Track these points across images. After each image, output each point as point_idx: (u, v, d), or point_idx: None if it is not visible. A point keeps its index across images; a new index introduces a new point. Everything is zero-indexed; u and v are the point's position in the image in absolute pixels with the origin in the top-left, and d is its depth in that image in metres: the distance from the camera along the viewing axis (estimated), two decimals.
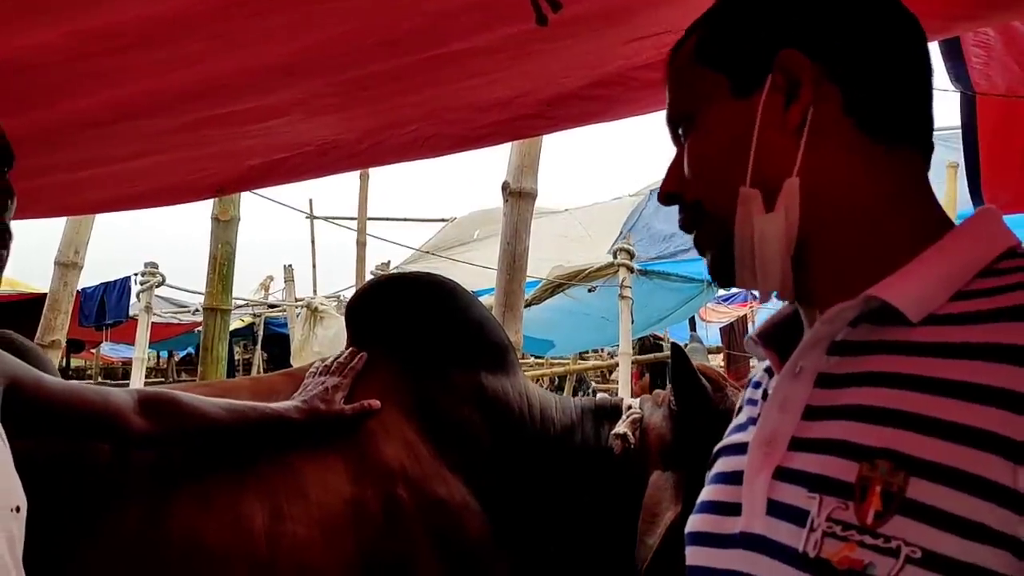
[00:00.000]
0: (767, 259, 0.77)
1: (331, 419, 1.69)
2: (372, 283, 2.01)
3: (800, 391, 0.74)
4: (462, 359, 1.88)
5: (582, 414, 1.92)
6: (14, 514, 1.11)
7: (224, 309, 3.32)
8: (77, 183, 1.96)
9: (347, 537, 1.63)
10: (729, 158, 0.78)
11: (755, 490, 0.73)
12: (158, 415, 1.50)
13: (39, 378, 1.35)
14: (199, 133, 1.63)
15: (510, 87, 1.57)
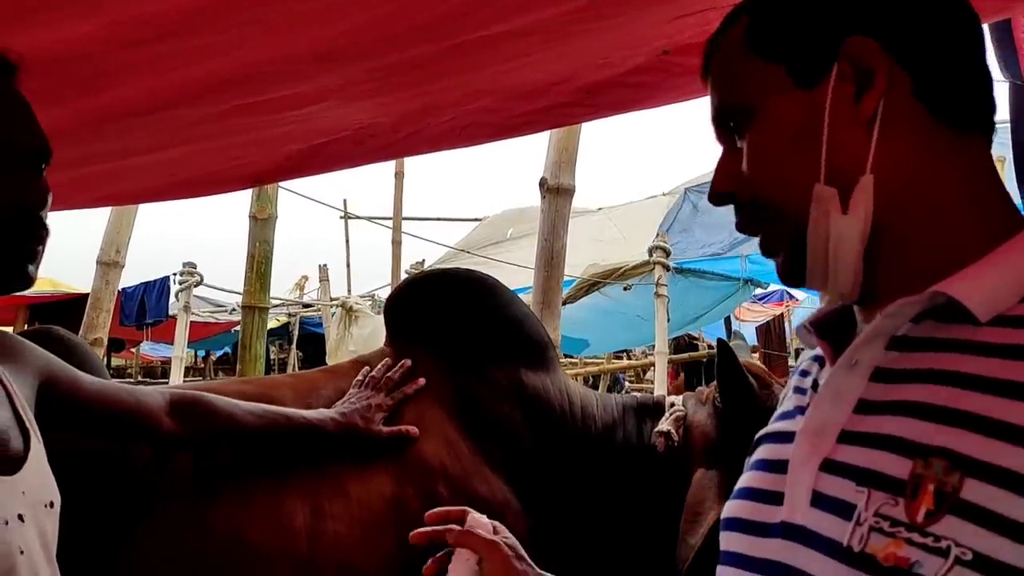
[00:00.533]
0: (842, 261, 0.74)
1: (365, 438, 1.66)
2: (410, 280, 2.00)
3: (854, 384, 0.72)
4: (502, 356, 1.86)
5: (623, 411, 1.89)
6: (48, 510, 1.10)
7: (262, 307, 3.34)
8: (116, 172, 1.97)
9: (387, 536, 1.62)
10: (799, 154, 0.75)
11: (800, 480, 0.72)
12: (189, 417, 1.50)
13: (75, 376, 1.35)
14: (235, 121, 1.64)
15: (548, 72, 1.55)
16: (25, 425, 1.12)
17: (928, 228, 0.73)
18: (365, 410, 1.69)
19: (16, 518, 1.01)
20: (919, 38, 0.74)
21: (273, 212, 3.31)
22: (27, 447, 1.10)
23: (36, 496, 1.08)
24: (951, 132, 0.73)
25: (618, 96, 1.76)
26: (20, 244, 1.08)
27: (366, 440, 1.66)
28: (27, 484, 1.06)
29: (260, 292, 3.32)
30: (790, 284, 0.81)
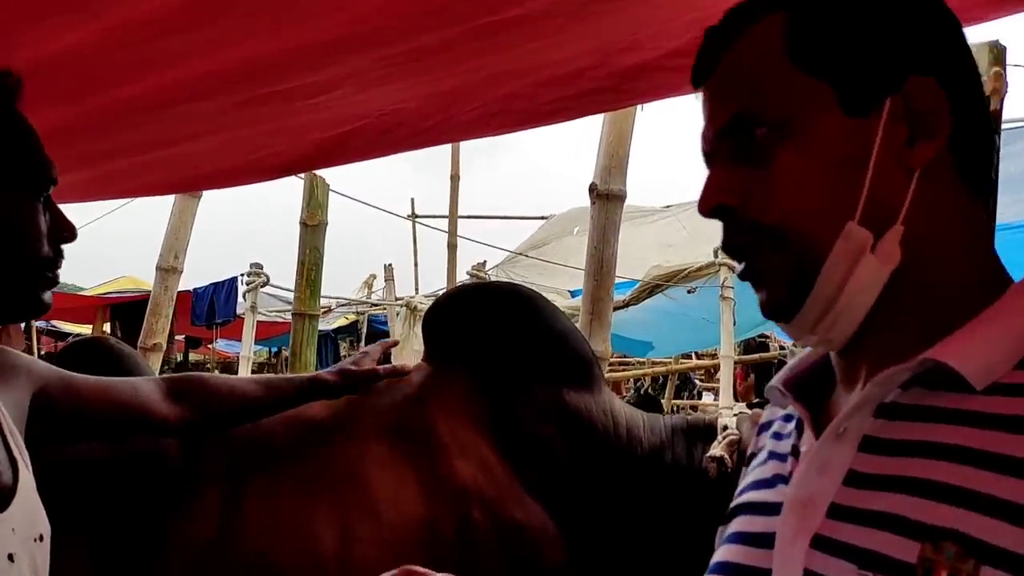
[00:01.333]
0: (854, 310, 0.69)
1: (365, 380, 1.68)
2: (449, 294, 1.94)
3: (843, 454, 0.68)
4: (543, 373, 1.78)
5: (672, 433, 1.79)
6: (38, 544, 1.06)
7: (312, 314, 3.33)
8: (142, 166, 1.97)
9: (418, 561, 1.56)
10: (837, 185, 0.68)
11: (790, 558, 0.67)
12: (188, 398, 1.47)
13: (68, 379, 1.32)
14: (253, 112, 1.62)
15: (574, 55, 1.47)
16: (13, 455, 1.08)
17: (934, 287, 0.69)
18: (352, 358, 1.73)
19: (6, 559, 0.98)
20: (969, 87, 0.70)
21: (324, 218, 3.30)
22: (16, 479, 1.05)
23: (26, 531, 1.04)
24: (966, 191, 0.70)
25: (656, 81, 1.67)
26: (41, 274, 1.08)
27: (368, 379, 1.68)
28: (17, 520, 1.02)
29: (310, 299, 3.31)
30: (775, 319, 0.74)
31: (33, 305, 1.10)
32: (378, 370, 1.69)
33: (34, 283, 1.08)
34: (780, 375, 0.79)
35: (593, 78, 1.65)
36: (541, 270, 8.74)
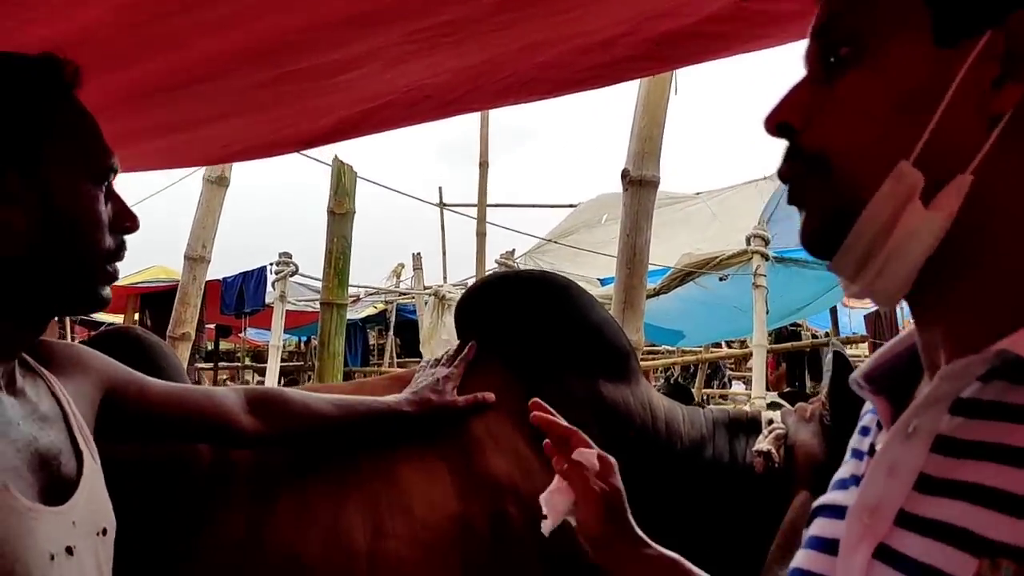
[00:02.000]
0: (902, 259, 0.62)
1: (443, 411, 1.61)
2: (481, 282, 1.88)
3: (913, 456, 0.62)
4: (578, 365, 1.73)
5: (714, 427, 1.73)
6: (101, 538, 1.05)
7: (340, 303, 3.29)
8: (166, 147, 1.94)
9: (452, 559, 1.52)
10: (899, 117, 0.61)
11: (852, 569, 0.62)
12: (267, 413, 1.45)
13: (142, 382, 1.30)
14: (278, 91, 1.59)
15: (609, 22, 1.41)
16: (79, 447, 1.06)
17: (1012, 256, 0.61)
18: (435, 384, 1.64)
19: (64, 552, 0.96)
20: None
21: (351, 207, 3.26)
22: (80, 471, 1.04)
23: (88, 525, 1.02)
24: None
25: (692, 47, 1.62)
26: (102, 267, 1.06)
27: (447, 415, 1.62)
28: (78, 513, 1.00)
29: (338, 288, 3.27)
30: (813, 252, 0.68)
31: (92, 299, 1.06)
32: (457, 401, 1.63)
33: (95, 276, 1.05)
34: (863, 366, 0.73)
35: (627, 45, 1.60)
36: (570, 258, 8.67)
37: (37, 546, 0.91)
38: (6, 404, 0.99)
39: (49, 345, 1.20)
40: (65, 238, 1.01)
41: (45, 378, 1.10)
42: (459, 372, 1.69)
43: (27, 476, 0.96)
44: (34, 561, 0.90)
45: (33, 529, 0.92)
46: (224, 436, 1.43)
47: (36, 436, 1.00)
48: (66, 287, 1.03)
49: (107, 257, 1.05)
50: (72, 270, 1.02)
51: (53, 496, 0.99)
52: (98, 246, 1.03)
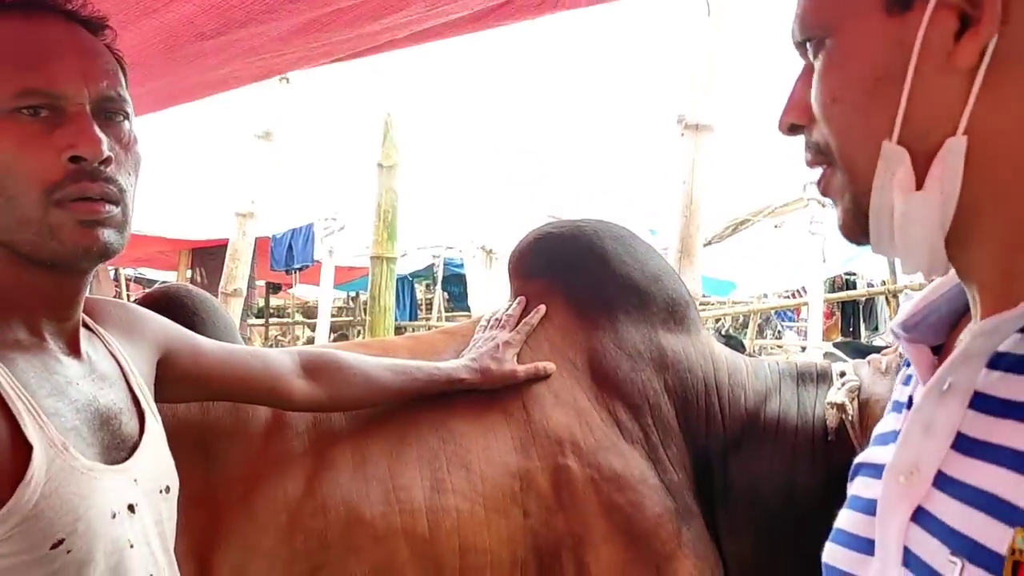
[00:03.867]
0: (910, 241, 0.61)
1: (502, 381, 1.57)
2: (539, 231, 1.82)
3: (949, 414, 0.59)
4: (638, 317, 1.68)
5: (780, 379, 1.67)
6: (163, 495, 1.04)
7: (390, 257, 3.26)
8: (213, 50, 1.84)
9: (513, 513, 1.50)
10: (872, 98, 0.60)
11: (889, 533, 0.60)
12: (320, 378, 1.43)
13: (197, 344, 1.29)
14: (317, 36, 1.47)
15: None
16: (141, 406, 1.06)
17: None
18: (494, 351, 1.60)
19: (126, 509, 0.95)
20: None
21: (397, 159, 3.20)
22: (141, 430, 1.03)
23: (150, 483, 1.02)
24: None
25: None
26: (75, 202, 0.91)
27: (504, 383, 1.57)
28: (140, 471, 1.00)
29: (388, 241, 3.24)
30: (852, 241, 0.67)
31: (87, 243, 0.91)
32: (518, 371, 1.59)
33: (39, 215, 0.90)
34: (901, 312, 0.70)
35: None
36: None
37: (99, 505, 0.91)
38: (65, 364, 0.98)
39: (106, 305, 1.18)
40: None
41: (103, 338, 1.09)
42: (520, 339, 1.64)
43: (87, 436, 0.95)
44: (96, 519, 0.90)
45: (94, 488, 0.91)
46: (276, 399, 1.41)
47: (96, 396, 0.99)
48: (18, 229, 0.91)
49: (50, 190, 0.90)
50: (9, 209, 0.90)
51: (114, 455, 0.98)
52: (23, 178, 0.90)
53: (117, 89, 0.97)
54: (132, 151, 0.98)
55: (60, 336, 0.99)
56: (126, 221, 0.96)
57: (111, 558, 0.91)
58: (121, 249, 0.97)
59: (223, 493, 1.44)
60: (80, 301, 1.01)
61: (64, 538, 0.86)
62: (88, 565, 0.89)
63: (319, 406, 1.46)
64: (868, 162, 0.61)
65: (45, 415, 0.90)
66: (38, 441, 0.87)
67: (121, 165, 0.95)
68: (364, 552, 1.43)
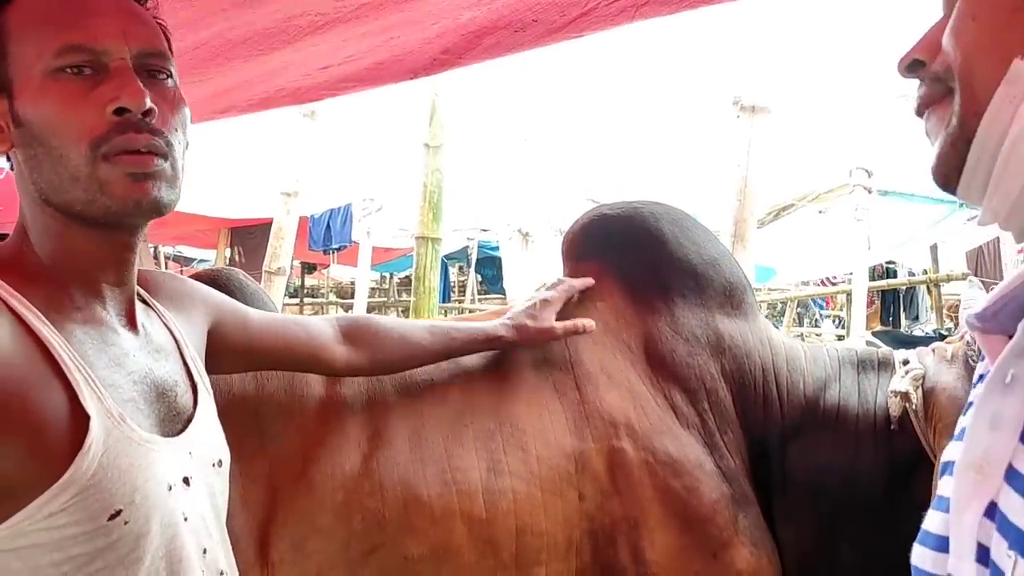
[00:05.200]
0: (1009, 177, 0.58)
1: (540, 337, 1.57)
2: (594, 213, 1.80)
3: (1013, 406, 0.57)
4: (696, 300, 1.66)
5: (839, 366, 1.64)
6: (216, 469, 1.04)
7: (435, 238, 3.26)
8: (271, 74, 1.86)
9: (569, 495, 1.49)
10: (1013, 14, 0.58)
11: (963, 529, 0.59)
12: (360, 342, 1.44)
13: (245, 313, 1.30)
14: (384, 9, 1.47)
15: None
16: (194, 379, 1.06)
17: None
18: (531, 309, 1.59)
19: (181, 482, 0.95)
20: None
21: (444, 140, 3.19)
22: (195, 402, 1.04)
23: (204, 456, 1.02)
24: None
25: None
26: (122, 155, 0.91)
27: (542, 339, 1.57)
28: (194, 443, 1.00)
29: (433, 222, 3.24)
30: (941, 184, 0.64)
31: (136, 196, 0.91)
32: (555, 328, 1.57)
33: (89, 166, 0.90)
34: (980, 303, 0.67)
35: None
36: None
37: (156, 476, 0.91)
38: (122, 335, 0.98)
39: (159, 277, 1.18)
40: (36, 136, 0.91)
41: (157, 311, 1.09)
42: (560, 296, 1.63)
43: (143, 408, 0.95)
44: (153, 491, 0.90)
45: (152, 460, 0.91)
46: (319, 365, 1.42)
47: (151, 368, 0.99)
48: (69, 187, 0.91)
49: (96, 143, 0.90)
50: (58, 167, 0.91)
51: (169, 427, 0.98)
52: (70, 134, 0.90)
53: (159, 46, 0.97)
54: (178, 108, 0.97)
55: (117, 305, 0.99)
56: (176, 177, 0.95)
57: (167, 530, 0.92)
58: (172, 205, 0.96)
59: (280, 470, 1.45)
60: (134, 262, 1.01)
61: (122, 509, 0.87)
62: (145, 537, 0.89)
63: (360, 370, 1.46)
64: (990, 81, 0.58)
65: (103, 386, 0.90)
66: (96, 412, 0.87)
67: (167, 120, 0.95)
68: (421, 532, 1.43)
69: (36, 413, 0.85)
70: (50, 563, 0.84)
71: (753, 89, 2.74)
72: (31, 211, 0.96)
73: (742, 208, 2.68)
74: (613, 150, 6.22)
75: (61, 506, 0.84)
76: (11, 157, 0.97)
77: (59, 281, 0.95)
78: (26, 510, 0.83)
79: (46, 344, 0.88)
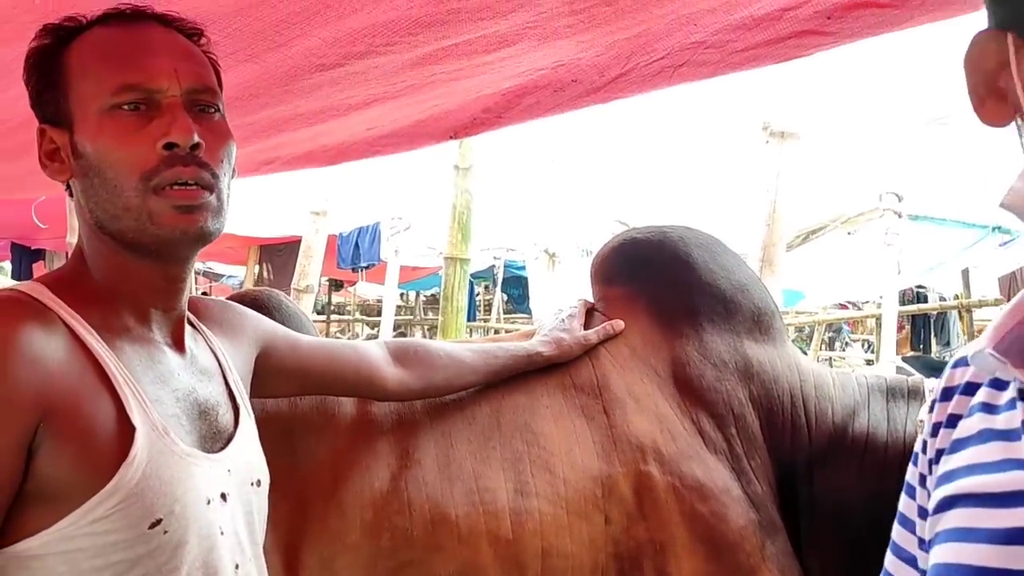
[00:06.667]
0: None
1: (578, 348, 1.63)
2: (624, 236, 1.81)
3: None
4: (724, 325, 1.66)
5: (868, 393, 1.63)
6: (254, 488, 1.08)
7: (463, 259, 3.29)
8: (314, 137, 1.93)
9: (595, 518, 1.49)
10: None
11: None
12: (410, 364, 1.46)
13: (295, 340, 1.33)
14: (428, 71, 1.54)
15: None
16: (236, 402, 1.10)
17: None
18: (561, 324, 1.65)
19: (219, 497, 0.99)
20: None
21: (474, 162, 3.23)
22: (236, 423, 1.07)
23: (243, 474, 1.05)
24: None
25: (867, 19, 1.48)
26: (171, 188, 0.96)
27: (580, 350, 1.63)
28: (233, 462, 1.04)
29: (462, 243, 3.27)
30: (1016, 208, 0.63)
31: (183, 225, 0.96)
32: (588, 335, 1.64)
33: (139, 199, 0.95)
34: (990, 332, 0.65)
35: (794, 20, 1.48)
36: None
37: (195, 489, 0.95)
38: (168, 355, 1.02)
39: (210, 304, 1.23)
40: (92, 168, 0.97)
41: (204, 334, 1.13)
42: (581, 309, 1.69)
43: (186, 424, 0.99)
44: (192, 503, 0.94)
45: (192, 473, 0.95)
46: (370, 389, 1.44)
47: (195, 388, 1.03)
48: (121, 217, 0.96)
49: (147, 176, 0.95)
50: (112, 198, 0.96)
51: (210, 445, 1.02)
52: (123, 168, 0.95)
53: (208, 83, 1.03)
54: (225, 141, 1.02)
55: (165, 327, 1.04)
56: (221, 207, 1.01)
57: (204, 542, 0.95)
58: (218, 234, 1.01)
59: (311, 487, 1.47)
60: (184, 290, 1.06)
61: (162, 518, 0.91)
62: (183, 547, 0.93)
63: (412, 393, 1.49)
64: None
65: (149, 401, 0.94)
66: (141, 424, 0.92)
67: (214, 153, 1.00)
68: (448, 552, 1.45)
69: (86, 423, 0.90)
70: (92, 568, 0.88)
71: (782, 115, 2.75)
72: (88, 237, 1.02)
73: (771, 233, 2.67)
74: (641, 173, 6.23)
75: (105, 513, 0.88)
76: (70, 185, 1.03)
77: (112, 303, 1.00)
78: (72, 515, 0.87)
79: (98, 359, 0.93)
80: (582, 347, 1.62)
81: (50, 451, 0.87)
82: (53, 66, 1.00)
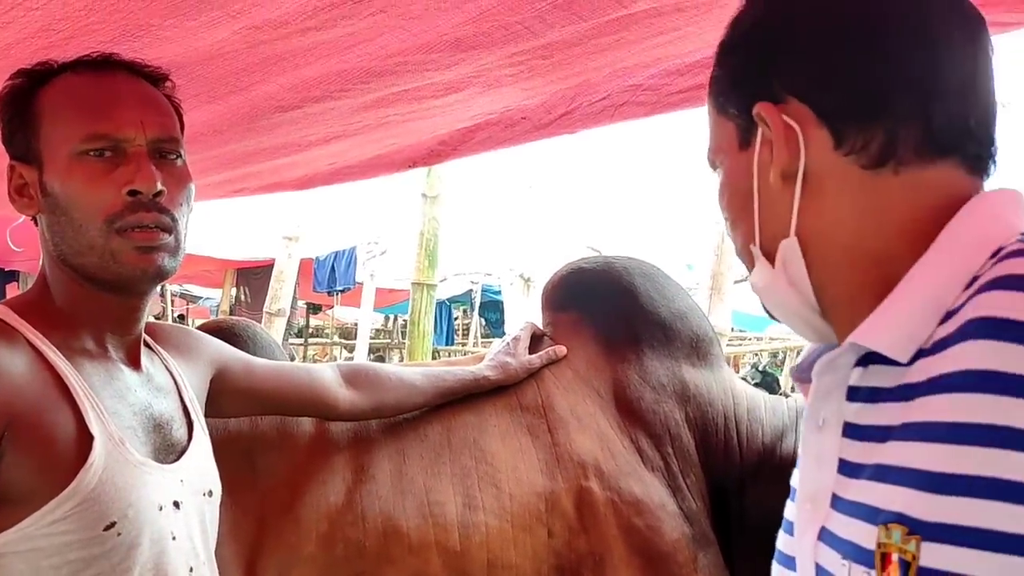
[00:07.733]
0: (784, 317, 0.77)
1: (523, 371, 1.70)
2: (572, 266, 1.92)
3: (828, 444, 0.70)
4: (663, 350, 1.76)
5: (798, 416, 1.73)
6: (207, 498, 1.15)
7: (430, 284, 3.38)
8: (274, 168, 2.03)
9: (539, 532, 1.58)
10: (740, 214, 0.76)
11: (804, 552, 0.70)
12: (361, 386, 1.53)
13: (248, 361, 1.40)
14: (381, 112, 1.64)
15: (708, 44, 1.43)
16: (191, 418, 1.17)
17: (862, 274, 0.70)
18: (506, 349, 1.73)
19: (171, 505, 1.06)
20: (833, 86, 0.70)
21: (442, 190, 3.33)
22: (190, 437, 1.15)
23: (195, 485, 1.13)
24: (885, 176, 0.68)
25: None
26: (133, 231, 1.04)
27: (524, 373, 1.70)
28: (186, 472, 1.11)
29: (428, 269, 3.36)
30: None
31: (120, 262, 1.03)
32: (533, 360, 1.72)
33: (102, 240, 1.03)
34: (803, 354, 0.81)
35: None
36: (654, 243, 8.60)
37: (147, 496, 1.02)
38: (125, 373, 1.11)
39: (168, 329, 1.32)
40: (60, 207, 1.04)
41: (161, 356, 1.21)
42: (526, 333, 1.78)
43: (141, 435, 1.07)
44: (144, 508, 1.01)
45: (146, 482, 1.03)
46: (322, 409, 1.51)
47: (151, 403, 1.11)
48: (85, 253, 1.04)
49: (112, 219, 1.03)
50: (77, 236, 1.04)
51: (164, 456, 1.10)
52: (89, 210, 1.03)
53: (172, 132, 1.11)
54: (184, 185, 1.11)
55: (122, 349, 1.12)
56: (179, 247, 1.09)
57: (155, 546, 1.03)
58: (174, 272, 1.10)
59: (269, 502, 1.54)
60: (140, 318, 1.14)
61: (116, 521, 0.98)
62: (135, 549, 1.00)
63: (362, 413, 1.56)
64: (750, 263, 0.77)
65: (107, 413, 1.02)
66: (99, 434, 0.99)
67: (174, 198, 1.08)
68: (399, 562, 1.53)
69: (48, 431, 0.97)
70: (50, 566, 0.96)
71: None
72: (50, 267, 1.10)
73: (719, 262, 2.79)
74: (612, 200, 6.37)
75: (63, 515, 0.95)
76: (37, 219, 1.11)
77: (72, 326, 1.07)
78: (32, 517, 0.95)
79: (59, 374, 1.01)
80: (527, 371, 1.70)
81: (13, 458, 0.95)
82: (26, 107, 1.07)
